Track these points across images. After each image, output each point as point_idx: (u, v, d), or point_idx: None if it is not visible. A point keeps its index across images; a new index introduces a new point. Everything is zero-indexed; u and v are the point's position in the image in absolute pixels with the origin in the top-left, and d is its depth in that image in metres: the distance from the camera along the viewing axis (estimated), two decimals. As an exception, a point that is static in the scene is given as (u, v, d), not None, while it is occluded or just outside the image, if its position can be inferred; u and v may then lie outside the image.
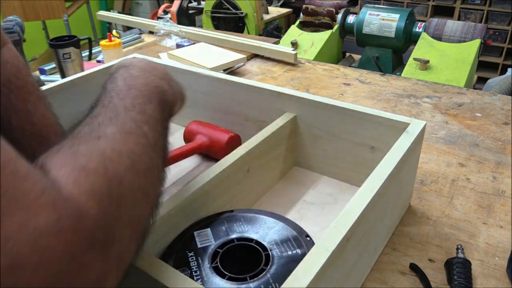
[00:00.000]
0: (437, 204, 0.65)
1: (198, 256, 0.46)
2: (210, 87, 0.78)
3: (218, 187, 0.55)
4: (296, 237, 0.48)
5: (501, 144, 0.81)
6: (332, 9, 1.97)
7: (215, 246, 0.47)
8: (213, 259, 0.45)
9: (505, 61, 3.25)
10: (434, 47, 1.67)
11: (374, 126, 0.60)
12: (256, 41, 1.33)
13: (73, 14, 2.98)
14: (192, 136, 0.76)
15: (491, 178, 0.71)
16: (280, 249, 0.46)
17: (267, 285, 0.42)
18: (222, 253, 0.46)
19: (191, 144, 0.74)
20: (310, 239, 0.47)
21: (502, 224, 0.60)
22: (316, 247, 0.37)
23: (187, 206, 0.50)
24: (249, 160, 0.60)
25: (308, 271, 0.35)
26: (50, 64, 1.26)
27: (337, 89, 1.08)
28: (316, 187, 0.68)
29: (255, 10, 2.30)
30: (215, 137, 0.74)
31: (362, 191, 0.44)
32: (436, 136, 0.84)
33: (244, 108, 0.75)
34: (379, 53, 1.89)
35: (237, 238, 0.48)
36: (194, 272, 0.44)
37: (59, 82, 0.77)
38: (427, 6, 3.41)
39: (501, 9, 3.16)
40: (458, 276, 0.50)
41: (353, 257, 0.44)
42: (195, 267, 0.44)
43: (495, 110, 0.94)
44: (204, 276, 0.43)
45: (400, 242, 0.57)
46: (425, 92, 1.04)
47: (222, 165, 0.55)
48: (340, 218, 0.41)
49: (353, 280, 0.47)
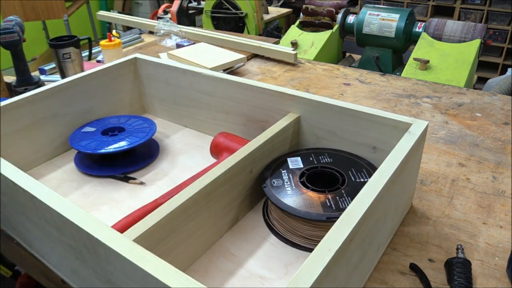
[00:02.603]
0: (437, 204, 0.65)
1: (289, 174, 0.60)
2: (211, 87, 0.78)
3: (221, 188, 0.55)
4: (366, 169, 0.61)
5: (501, 144, 0.81)
6: (332, 9, 1.97)
7: (303, 169, 0.61)
8: (301, 177, 0.59)
9: (505, 61, 3.26)
10: (434, 47, 1.67)
11: (377, 126, 0.61)
12: (256, 41, 1.33)
13: (73, 14, 2.98)
14: (220, 151, 0.72)
15: (491, 178, 0.71)
16: (354, 176, 0.59)
17: (341, 196, 0.55)
18: (308, 174, 0.60)
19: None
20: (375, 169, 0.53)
21: (502, 224, 0.61)
22: (320, 247, 0.37)
23: (189, 207, 0.51)
24: (252, 160, 0.60)
25: (312, 271, 0.35)
26: (50, 64, 1.27)
27: (337, 89, 1.08)
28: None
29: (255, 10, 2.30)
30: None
31: (365, 191, 0.44)
32: (436, 136, 0.84)
33: (246, 108, 0.75)
34: (379, 53, 1.89)
35: (321, 166, 0.62)
36: (286, 183, 0.58)
37: (59, 82, 0.77)
38: (427, 6, 3.41)
39: (501, 9, 3.16)
40: (458, 276, 0.50)
41: (356, 257, 0.44)
42: (286, 180, 0.59)
43: (495, 110, 0.94)
44: (293, 186, 0.57)
45: (400, 242, 0.58)
46: (425, 92, 1.04)
47: (225, 166, 0.56)
48: (343, 218, 0.41)
49: (355, 280, 0.48)
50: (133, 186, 0.71)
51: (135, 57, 0.88)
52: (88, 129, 0.80)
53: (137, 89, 0.91)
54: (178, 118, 0.89)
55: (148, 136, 0.75)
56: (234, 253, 0.56)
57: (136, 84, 0.91)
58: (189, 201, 0.50)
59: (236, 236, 0.59)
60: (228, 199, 0.57)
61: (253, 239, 0.58)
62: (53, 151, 0.79)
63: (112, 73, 0.85)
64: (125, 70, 0.87)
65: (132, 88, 0.90)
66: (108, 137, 0.76)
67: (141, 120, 0.82)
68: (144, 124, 0.80)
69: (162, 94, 0.89)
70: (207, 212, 0.54)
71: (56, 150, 0.79)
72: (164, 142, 0.84)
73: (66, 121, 0.79)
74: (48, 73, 1.23)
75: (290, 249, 0.56)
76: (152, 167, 0.76)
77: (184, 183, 0.66)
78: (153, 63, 0.86)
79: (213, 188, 0.54)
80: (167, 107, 0.90)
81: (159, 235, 0.48)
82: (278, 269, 0.53)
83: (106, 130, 0.79)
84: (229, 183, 0.56)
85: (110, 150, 0.72)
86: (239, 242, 0.58)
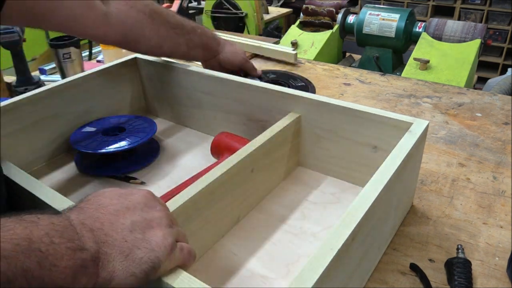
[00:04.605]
0: (437, 204, 0.65)
1: None
2: (212, 86, 0.78)
3: (222, 187, 0.55)
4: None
5: (501, 144, 0.81)
6: (332, 9, 1.98)
7: None
8: None
9: (505, 61, 3.26)
10: (434, 47, 1.67)
11: (377, 126, 0.61)
12: (256, 41, 1.34)
13: (73, 14, 2.97)
14: (220, 151, 0.71)
15: (491, 178, 0.71)
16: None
17: None
18: None
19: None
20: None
21: (502, 224, 0.61)
22: (322, 247, 0.38)
23: (190, 206, 0.51)
24: (254, 160, 0.60)
25: (313, 271, 0.35)
26: (50, 64, 1.27)
27: (337, 89, 1.08)
28: (319, 187, 0.68)
29: (255, 10, 2.30)
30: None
31: (367, 190, 0.45)
32: (436, 136, 0.84)
33: (247, 108, 0.75)
34: (379, 53, 1.89)
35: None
36: None
37: (59, 82, 0.77)
38: (427, 6, 3.41)
39: (501, 9, 3.16)
40: (459, 276, 0.50)
41: (357, 257, 0.44)
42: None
43: (495, 110, 0.94)
44: None
45: (400, 242, 0.58)
46: (425, 92, 1.04)
47: (226, 165, 0.56)
48: (345, 217, 0.41)
49: (356, 280, 0.48)
50: (134, 186, 0.71)
51: (135, 57, 0.88)
52: (88, 129, 0.80)
53: (137, 89, 0.91)
54: (178, 117, 0.89)
55: (149, 136, 0.75)
56: (236, 253, 0.56)
57: (137, 84, 0.91)
58: (190, 201, 0.50)
59: (237, 236, 0.59)
60: (229, 198, 0.58)
61: (254, 238, 0.58)
62: (54, 151, 0.79)
63: (113, 73, 0.85)
64: (125, 70, 0.87)
65: (132, 88, 0.90)
66: (108, 137, 0.76)
67: (141, 120, 0.82)
68: (145, 124, 0.80)
69: (162, 94, 0.89)
70: (208, 212, 0.54)
71: (57, 150, 0.79)
72: (164, 142, 0.84)
73: (66, 121, 0.79)
74: (48, 73, 1.23)
75: (291, 249, 0.56)
76: (153, 167, 0.76)
77: (185, 183, 0.66)
78: (153, 63, 0.86)
79: (214, 188, 0.54)
80: (167, 107, 0.90)
81: (160, 235, 0.48)
82: (280, 269, 0.53)
83: (107, 130, 0.79)
84: (230, 182, 0.57)
85: (110, 150, 0.72)
86: (241, 242, 0.58)
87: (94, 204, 0.36)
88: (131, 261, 0.33)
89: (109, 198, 0.37)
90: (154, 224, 0.36)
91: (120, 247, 0.33)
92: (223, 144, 0.71)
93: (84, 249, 0.31)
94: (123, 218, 0.35)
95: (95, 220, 0.34)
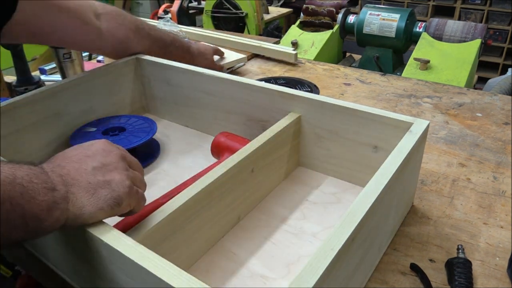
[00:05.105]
0: (437, 204, 0.65)
1: None
2: (212, 86, 0.78)
3: (222, 187, 0.55)
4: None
5: (502, 144, 0.81)
6: (332, 9, 1.98)
7: None
8: None
9: (505, 61, 3.26)
10: (434, 47, 1.67)
11: (378, 126, 0.61)
12: (256, 41, 1.33)
13: (73, 14, 2.97)
14: (221, 151, 0.71)
15: (491, 178, 0.71)
16: None
17: None
18: None
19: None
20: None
21: (503, 224, 0.61)
22: (322, 247, 0.38)
23: (190, 206, 0.51)
24: (254, 160, 0.60)
25: (314, 271, 0.35)
26: (50, 64, 1.26)
27: (337, 89, 1.08)
28: (319, 187, 0.68)
29: (255, 10, 2.30)
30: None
31: (367, 191, 0.45)
32: (437, 136, 0.84)
33: (246, 108, 0.75)
34: (380, 53, 1.89)
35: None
36: None
37: (59, 82, 0.77)
38: (427, 6, 3.41)
39: (501, 9, 3.16)
40: (459, 276, 0.50)
41: (358, 257, 0.44)
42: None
43: (496, 110, 0.94)
44: None
45: (400, 242, 0.58)
46: (426, 92, 1.04)
47: (226, 165, 0.56)
48: (345, 217, 0.41)
49: (357, 280, 0.48)
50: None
51: (135, 57, 0.88)
52: (88, 129, 0.80)
53: (137, 88, 0.91)
54: (179, 117, 0.89)
55: (149, 136, 0.75)
56: (236, 253, 0.56)
57: (137, 83, 0.91)
58: (191, 201, 0.50)
59: (237, 236, 0.59)
60: (230, 198, 0.58)
61: (254, 238, 0.58)
62: (54, 151, 0.79)
63: (113, 72, 0.85)
64: (125, 69, 0.87)
65: (132, 87, 0.90)
66: (108, 137, 0.76)
67: (141, 120, 0.82)
68: (145, 124, 0.80)
69: (162, 94, 0.89)
70: (209, 211, 0.54)
71: (57, 150, 0.79)
72: (165, 141, 0.84)
73: (66, 121, 0.79)
74: (48, 73, 1.23)
75: (292, 249, 0.56)
76: (153, 167, 0.76)
77: (185, 183, 0.66)
78: (153, 63, 0.86)
79: (214, 188, 0.54)
80: (167, 106, 0.90)
81: (161, 235, 0.48)
82: (280, 269, 0.53)
83: (107, 130, 0.79)
84: (230, 182, 0.57)
85: (111, 149, 0.72)
86: (241, 242, 0.58)
87: (61, 157, 0.44)
88: (97, 198, 0.41)
89: (73, 150, 0.45)
90: (112, 168, 0.43)
91: (85, 187, 0.41)
92: (223, 144, 0.71)
93: (56, 190, 0.39)
94: (85, 164, 0.42)
95: (63, 168, 0.41)
